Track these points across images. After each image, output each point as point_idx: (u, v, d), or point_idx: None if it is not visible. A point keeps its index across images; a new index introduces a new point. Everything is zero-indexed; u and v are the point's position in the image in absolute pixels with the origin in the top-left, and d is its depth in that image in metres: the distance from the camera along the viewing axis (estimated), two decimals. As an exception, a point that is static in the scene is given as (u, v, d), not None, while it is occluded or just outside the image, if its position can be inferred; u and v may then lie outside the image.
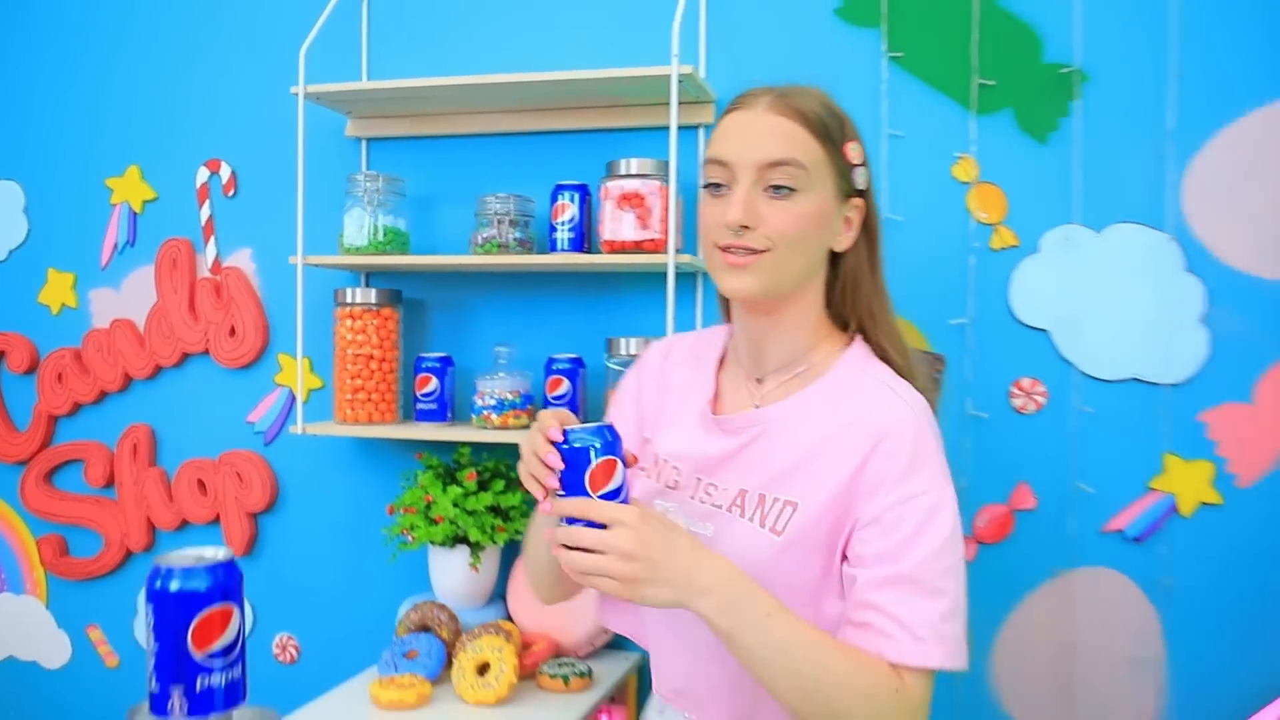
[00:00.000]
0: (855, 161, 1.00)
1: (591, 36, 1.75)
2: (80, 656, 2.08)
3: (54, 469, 2.07)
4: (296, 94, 1.69)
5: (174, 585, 0.63)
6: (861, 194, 1.01)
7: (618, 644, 1.72)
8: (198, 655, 0.64)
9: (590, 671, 1.56)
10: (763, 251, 0.95)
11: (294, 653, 1.94)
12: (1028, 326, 1.59)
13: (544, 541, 1.02)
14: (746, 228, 0.95)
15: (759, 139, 0.96)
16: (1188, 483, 1.54)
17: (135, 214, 2.01)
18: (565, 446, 0.89)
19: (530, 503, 1.63)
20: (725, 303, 1.12)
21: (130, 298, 2.01)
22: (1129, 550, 1.56)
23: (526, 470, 0.93)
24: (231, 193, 1.95)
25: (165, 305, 1.97)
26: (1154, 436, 1.55)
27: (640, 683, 1.69)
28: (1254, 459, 1.53)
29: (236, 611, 0.65)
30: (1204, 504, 1.54)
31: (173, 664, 0.63)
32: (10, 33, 2.07)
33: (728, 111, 1.01)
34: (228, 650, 0.65)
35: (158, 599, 0.63)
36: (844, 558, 0.94)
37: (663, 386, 1.13)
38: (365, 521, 1.87)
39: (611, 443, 0.90)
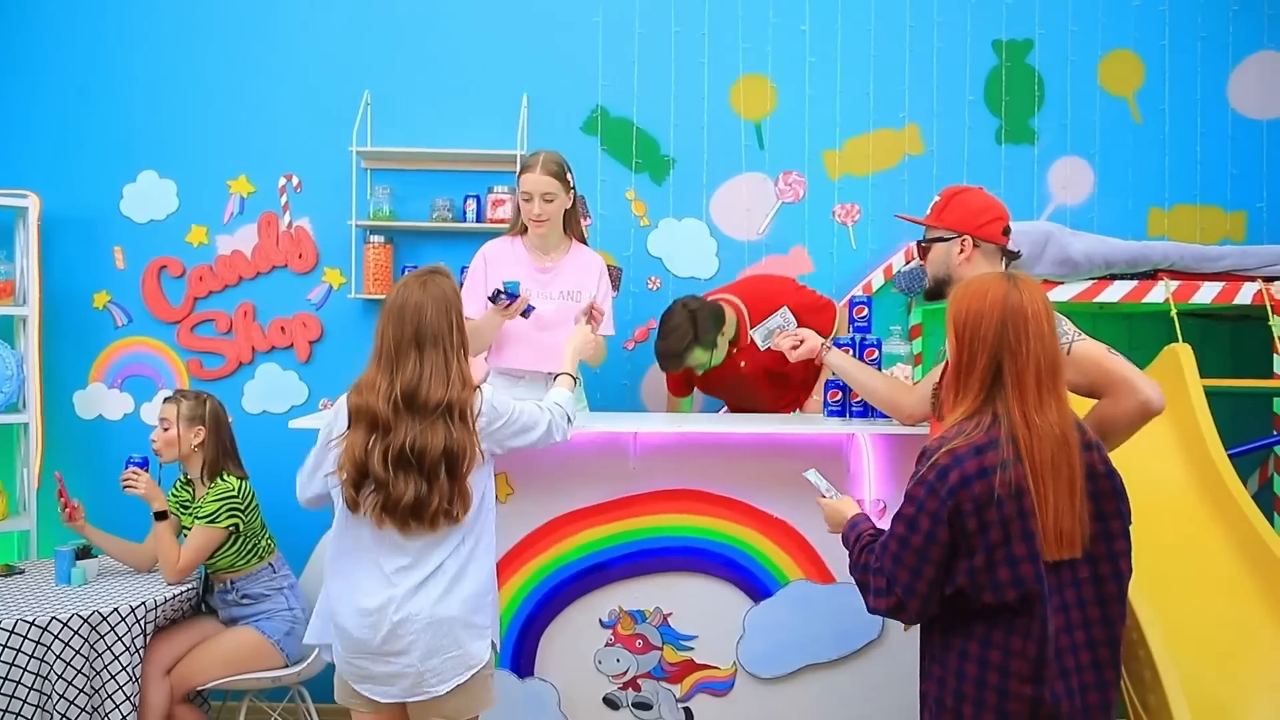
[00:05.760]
0: (571, 183, 3.27)
1: (482, 122, 4.05)
2: (209, 419, 4.12)
3: (195, 325, 4.11)
4: (352, 151, 3.89)
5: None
6: (572, 189, 3.30)
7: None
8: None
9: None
10: (546, 220, 3.23)
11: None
12: (653, 256, 4.07)
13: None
14: (541, 216, 3.21)
15: (541, 184, 3.14)
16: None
17: (244, 198, 4.09)
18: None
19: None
20: (522, 227, 3.34)
21: (241, 240, 4.09)
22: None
23: None
24: (299, 190, 4.09)
25: (264, 243, 4.07)
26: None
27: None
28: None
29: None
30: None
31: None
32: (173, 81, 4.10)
33: (525, 170, 3.16)
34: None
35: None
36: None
37: (495, 263, 3.23)
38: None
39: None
